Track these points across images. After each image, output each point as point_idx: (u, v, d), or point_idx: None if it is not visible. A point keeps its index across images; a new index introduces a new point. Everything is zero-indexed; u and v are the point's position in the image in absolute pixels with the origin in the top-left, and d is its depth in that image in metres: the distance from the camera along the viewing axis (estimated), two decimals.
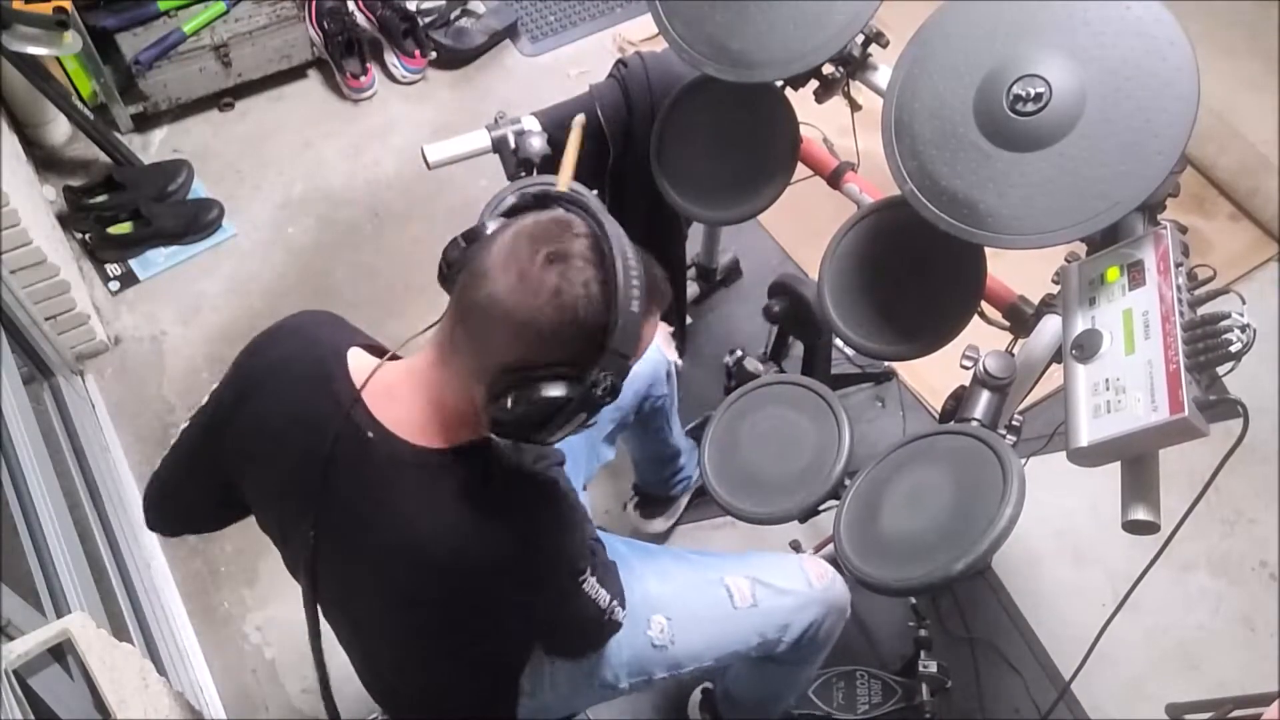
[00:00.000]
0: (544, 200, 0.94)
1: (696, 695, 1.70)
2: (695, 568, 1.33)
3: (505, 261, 0.85)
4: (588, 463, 1.48)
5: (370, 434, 0.93)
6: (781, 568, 1.33)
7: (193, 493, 1.12)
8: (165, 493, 1.14)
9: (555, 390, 0.85)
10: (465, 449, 0.94)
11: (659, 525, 1.90)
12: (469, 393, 0.90)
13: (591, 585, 1.09)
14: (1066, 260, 1.23)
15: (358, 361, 0.98)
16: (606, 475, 1.98)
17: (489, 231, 0.90)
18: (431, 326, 0.95)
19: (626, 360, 0.86)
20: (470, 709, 1.17)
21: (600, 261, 0.85)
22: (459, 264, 0.91)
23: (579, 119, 1.57)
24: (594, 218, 0.87)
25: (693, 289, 2.19)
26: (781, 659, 1.34)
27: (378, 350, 1.01)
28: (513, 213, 0.94)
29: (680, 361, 1.61)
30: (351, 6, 2.63)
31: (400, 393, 0.94)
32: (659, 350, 1.52)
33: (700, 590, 1.30)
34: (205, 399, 1.06)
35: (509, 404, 0.85)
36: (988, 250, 1.25)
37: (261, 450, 1.01)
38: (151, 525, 1.19)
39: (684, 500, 1.91)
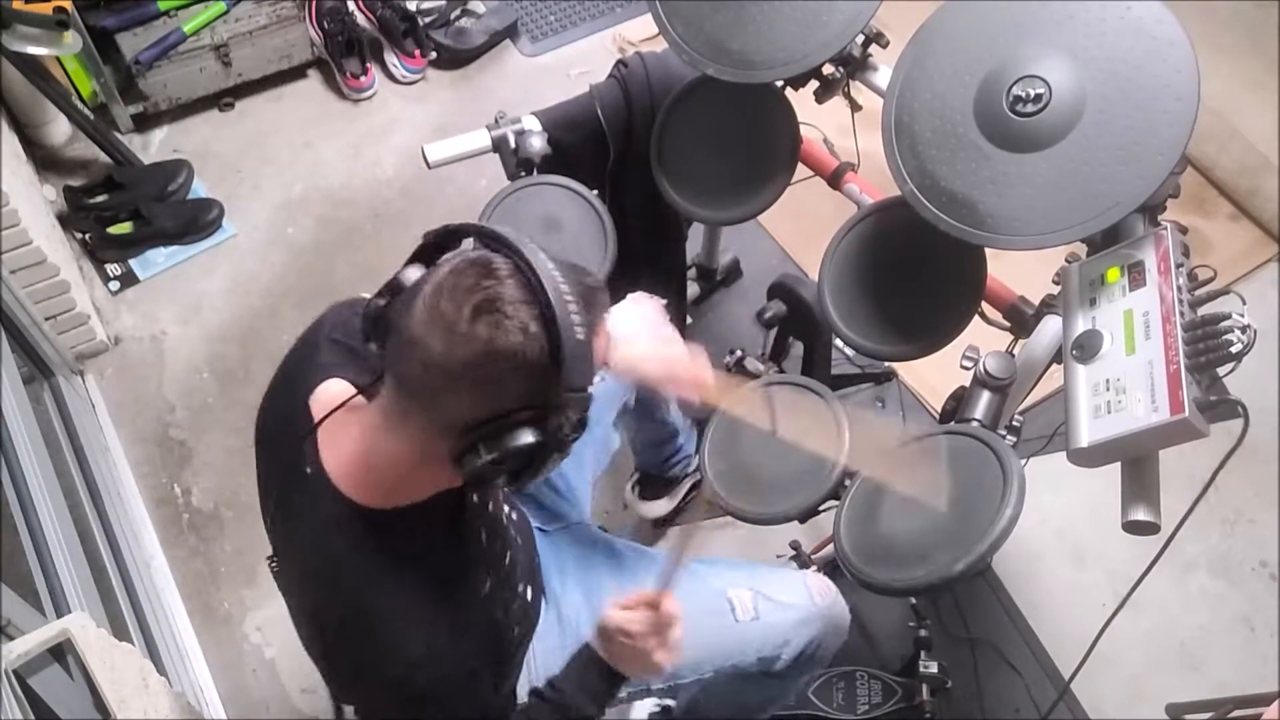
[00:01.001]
0: (452, 236, 0.89)
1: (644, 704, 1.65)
2: (698, 578, 1.32)
3: (431, 323, 0.80)
4: (598, 455, 1.48)
5: (309, 470, 0.93)
6: (785, 582, 1.33)
7: None
8: None
9: (524, 438, 0.81)
10: (392, 513, 0.91)
11: (661, 507, 1.89)
12: (420, 455, 0.87)
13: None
14: (1067, 261, 1.23)
15: (333, 392, 0.97)
16: (606, 474, 1.97)
17: (407, 284, 0.86)
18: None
19: (585, 391, 0.83)
20: None
21: (532, 297, 0.80)
22: (383, 323, 0.87)
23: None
24: (512, 250, 0.82)
25: (693, 289, 2.19)
26: (772, 674, 1.33)
27: (358, 385, 0.97)
28: (423, 254, 0.89)
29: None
30: (351, 6, 2.63)
31: (344, 443, 0.92)
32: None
33: (702, 601, 1.28)
34: None
35: (479, 459, 0.82)
36: (988, 250, 1.25)
37: (259, 434, 1.05)
38: None
39: (685, 484, 1.90)
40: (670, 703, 1.61)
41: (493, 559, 1.08)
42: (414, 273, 0.88)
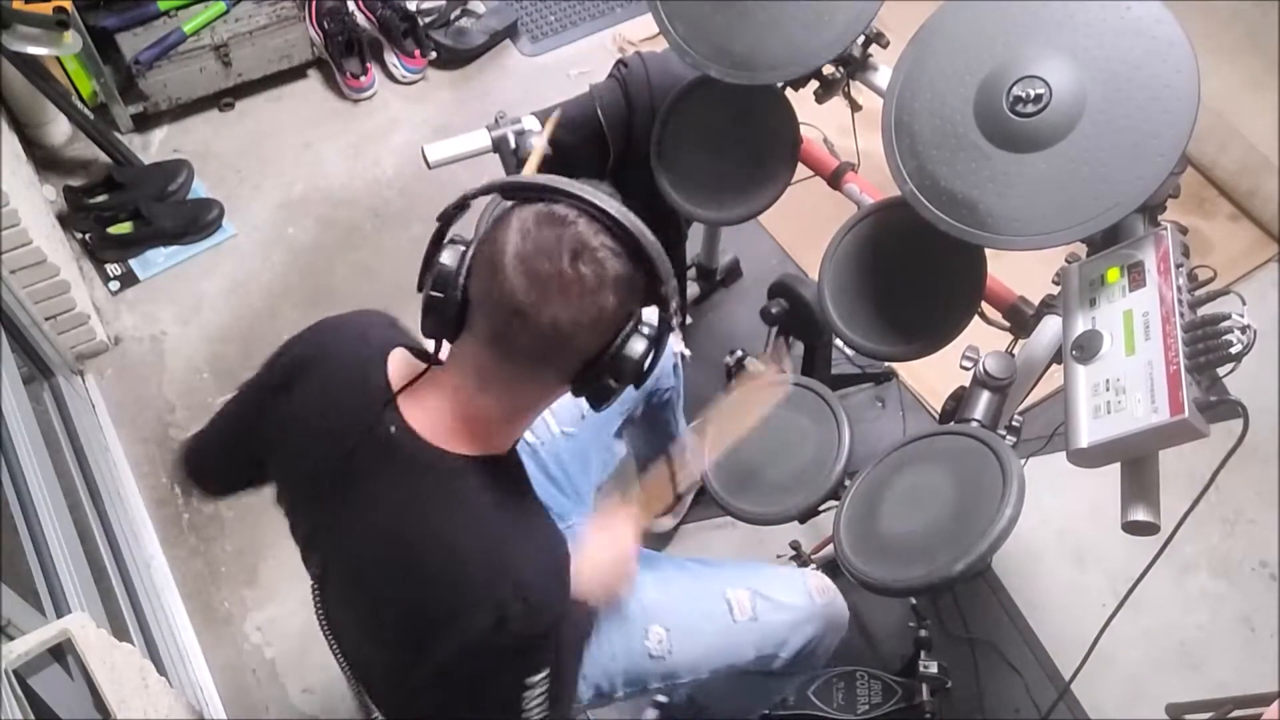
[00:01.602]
0: (507, 191, 0.93)
1: (652, 714, 1.67)
2: (696, 578, 1.32)
3: (541, 289, 0.83)
4: (604, 461, 1.48)
5: (393, 429, 0.94)
6: (783, 581, 1.33)
7: (224, 460, 1.18)
8: (203, 453, 1.20)
9: (639, 346, 0.88)
10: (487, 460, 0.95)
11: (666, 523, 1.89)
12: (512, 409, 0.95)
13: (533, 695, 0.97)
14: (1067, 261, 1.23)
15: (399, 362, 0.99)
16: (610, 480, 1.97)
17: (455, 265, 0.89)
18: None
19: (671, 274, 0.89)
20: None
21: (602, 225, 0.85)
22: (449, 316, 0.90)
23: (554, 116, 1.57)
24: (562, 192, 0.87)
25: (693, 289, 2.19)
26: (769, 673, 1.33)
27: (423, 355, 1.00)
28: (443, 234, 0.93)
29: (688, 351, 1.61)
30: (351, 6, 2.63)
31: (431, 403, 0.94)
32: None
33: (700, 602, 1.29)
34: (255, 372, 1.10)
35: (611, 383, 0.89)
36: (988, 250, 1.25)
37: (293, 437, 1.03)
38: (187, 478, 1.22)
39: (689, 498, 1.91)
40: (664, 699, 1.62)
41: None
42: (452, 254, 0.90)
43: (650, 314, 0.90)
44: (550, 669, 0.96)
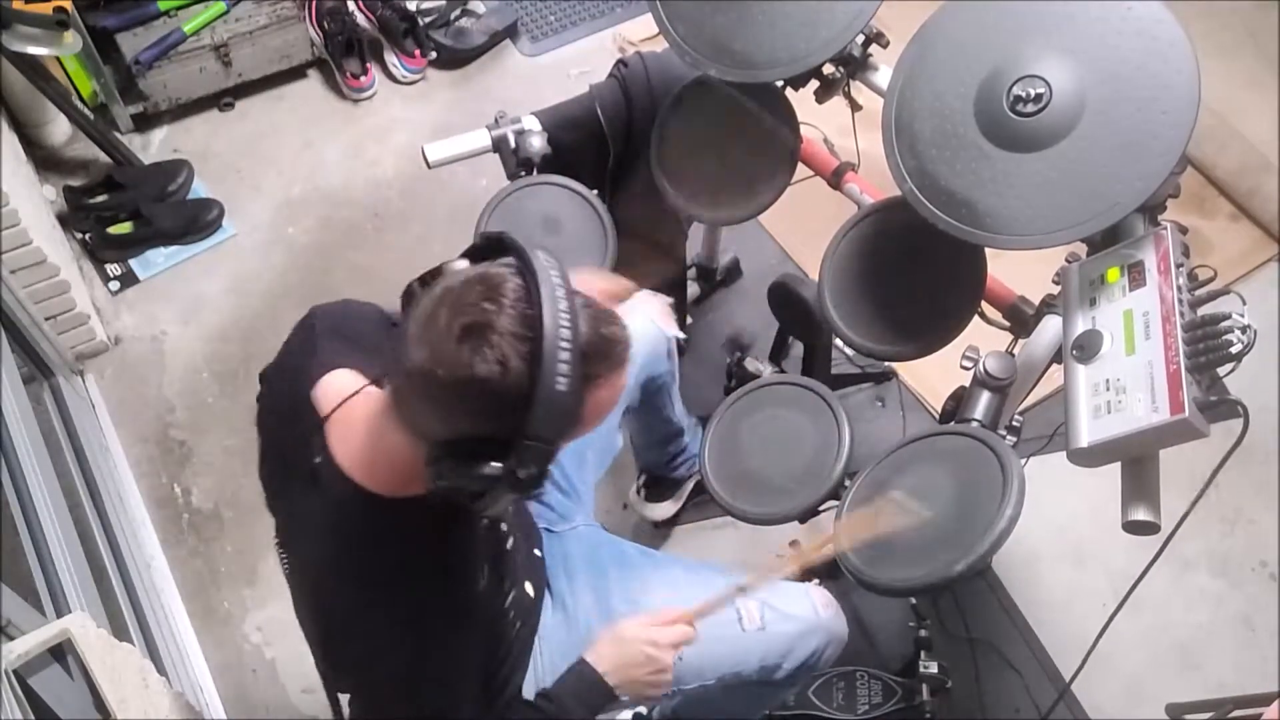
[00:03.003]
0: (496, 247, 0.86)
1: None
2: (707, 586, 1.32)
3: (423, 332, 0.79)
4: (600, 455, 1.48)
5: (318, 459, 0.93)
6: (790, 593, 1.33)
7: None
8: None
9: (483, 469, 0.79)
10: (400, 502, 0.91)
11: (666, 509, 1.89)
12: (412, 447, 0.86)
13: None
14: (1067, 261, 1.23)
15: (335, 383, 0.97)
16: (606, 475, 1.98)
17: (446, 274, 0.85)
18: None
19: (551, 445, 0.79)
20: None
21: (526, 333, 0.77)
22: (407, 315, 0.86)
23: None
24: (531, 277, 0.79)
25: (693, 289, 2.19)
26: (767, 683, 1.33)
27: (370, 375, 0.97)
28: (474, 253, 0.88)
29: (683, 335, 1.60)
30: (351, 6, 2.63)
31: (358, 428, 0.92)
32: (656, 328, 1.50)
33: None
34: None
35: (441, 474, 0.81)
36: (988, 250, 1.25)
37: (263, 427, 1.06)
38: None
39: (689, 484, 1.90)
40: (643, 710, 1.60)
41: (493, 550, 1.09)
42: (460, 264, 0.86)
43: (518, 451, 0.79)
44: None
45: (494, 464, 0.79)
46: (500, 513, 0.88)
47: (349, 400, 0.93)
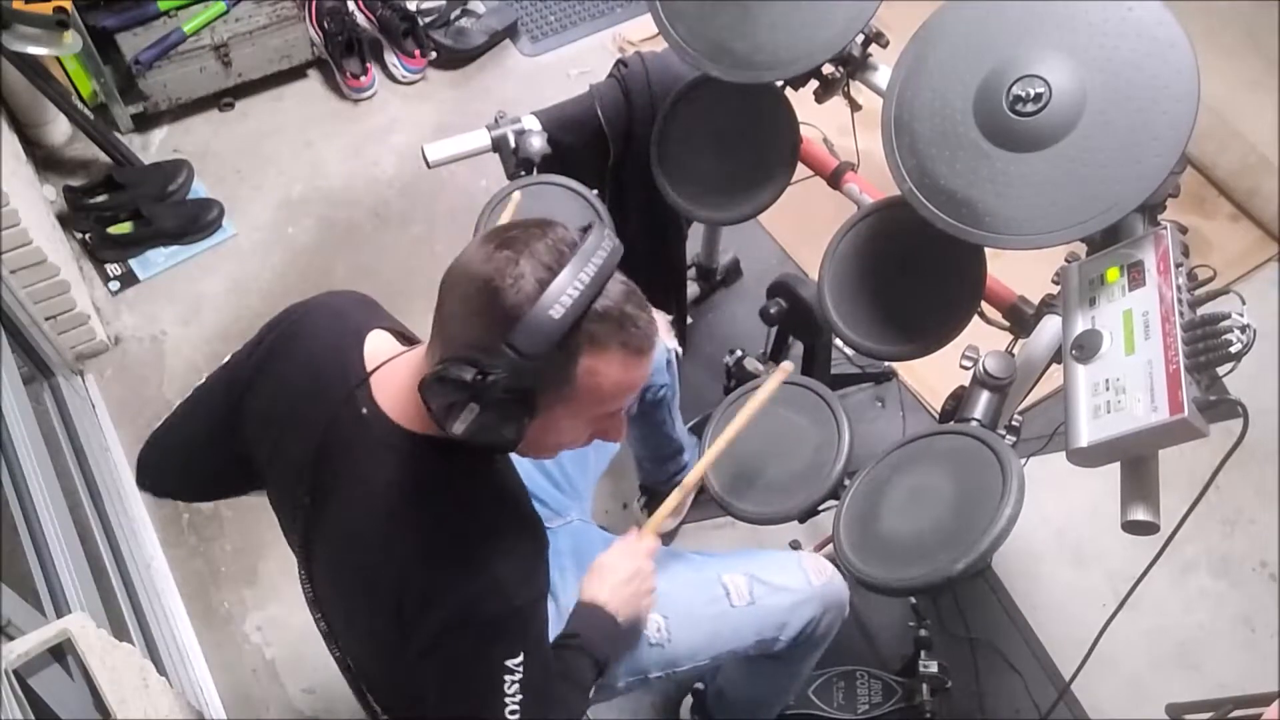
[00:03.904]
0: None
1: (688, 700, 1.69)
2: (692, 566, 1.33)
3: (480, 239, 0.86)
4: (599, 455, 1.48)
5: (364, 411, 0.95)
6: (780, 565, 1.33)
7: (199, 451, 1.13)
8: (169, 445, 1.15)
9: (457, 372, 0.81)
10: (450, 440, 0.90)
11: (668, 524, 1.89)
12: None
13: (513, 689, 0.93)
14: (1067, 260, 1.23)
15: (377, 343, 0.99)
16: (606, 475, 1.98)
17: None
18: None
19: (523, 357, 0.81)
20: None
21: (552, 267, 0.82)
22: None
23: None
24: (585, 230, 0.86)
25: (693, 289, 2.19)
26: (777, 656, 1.34)
27: (405, 337, 1.02)
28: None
29: (680, 349, 1.61)
30: (351, 6, 2.63)
31: (401, 382, 0.94)
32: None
33: (697, 588, 1.29)
34: (227, 358, 1.10)
35: (426, 383, 0.84)
36: (988, 250, 1.25)
37: (275, 418, 1.03)
38: (142, 483, 1.19)
39: (689, 499, 1.90)
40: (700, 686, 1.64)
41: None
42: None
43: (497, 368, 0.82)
44: (525, 653, 0.94)
45: (468, 368, 0.81)
46: (482, 436, 0.86)
47: (394, 357, 0.96)
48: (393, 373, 0.96)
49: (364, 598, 1.00)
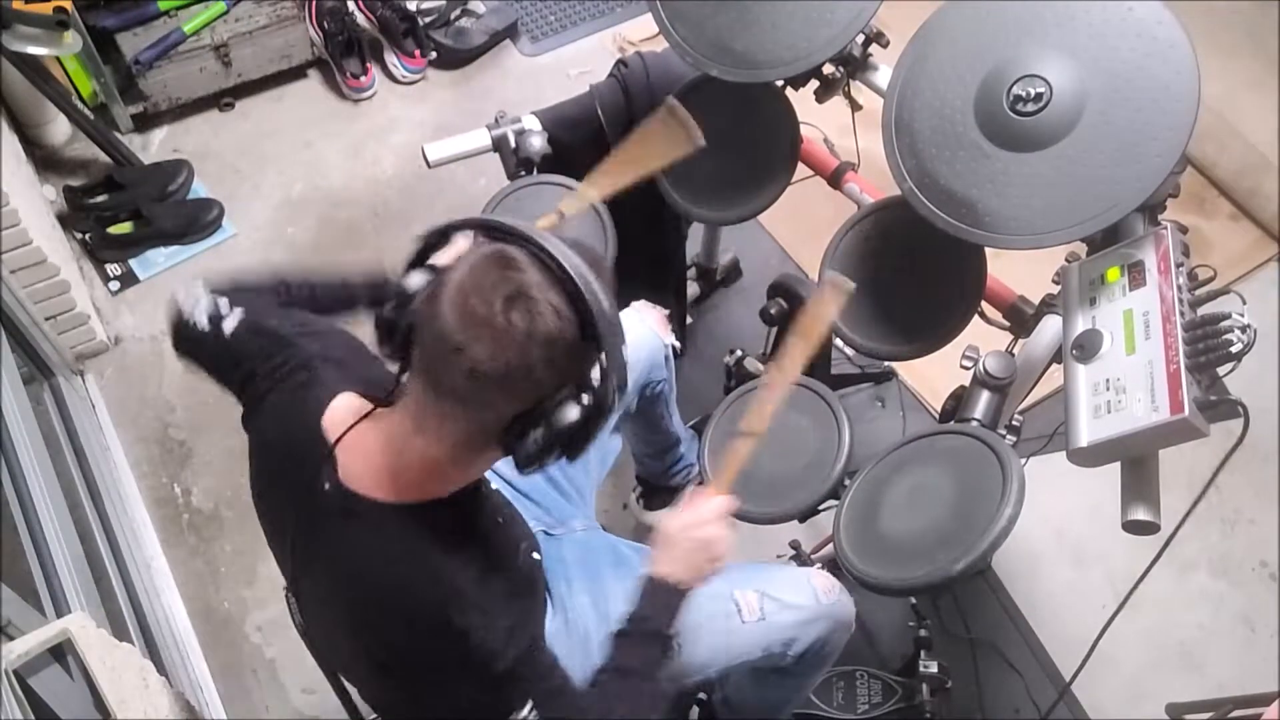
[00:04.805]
0: (446, 234, 0.89)
1: (695, 712, 1.69)
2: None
3: (468, 326, 0.80)
4: (601, 457, 1.48)
5: (327, 486, 0.93)
6: (790, 581, 1.33)
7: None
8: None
9: (572, 413, 0.84)
10: (419, 506, 0.92)
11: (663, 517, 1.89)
12: (452, 455, 0.89)
13: None
14: (1067, 260, 1.23)
15: (341, 407, 0.97)
16: (606, 475, 1.98)
17: (413, 289, 0.86)
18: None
19: (619, 352, 0.85)
20: None
21: (555, 278, 0.82)
22: (399, 333, 0.87)
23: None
24: (520, 237, 0.84)
25: (693, 289, 2.19)
26: (784, 669, 1.34)
27: (373, 395, 0.97)
28: (421, 259, 0.90)
29: (678, 344, 1.61)
30: (351, 6, 2.63)
31: (369, 448, 0.92)
32: (656, 335, 1.51)
33: (708, 603, 1.27)
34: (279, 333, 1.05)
35: (536, 442, 0.84)
36: (988, 250, 1.25)
37: (269, 459, 1.02)
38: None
39: (687, 491, 1.90)
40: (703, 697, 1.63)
41: (512, 525, 1.10)
42: (418, 278, 0.87)
43: (594, 381, 0.85)
44: (533, 699, 0.93)
45: (580, 397, 0.84)
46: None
47: (358, 424, 0.93)
48: (363, 439, 0.92)
49: (349, 654, 1.02)
